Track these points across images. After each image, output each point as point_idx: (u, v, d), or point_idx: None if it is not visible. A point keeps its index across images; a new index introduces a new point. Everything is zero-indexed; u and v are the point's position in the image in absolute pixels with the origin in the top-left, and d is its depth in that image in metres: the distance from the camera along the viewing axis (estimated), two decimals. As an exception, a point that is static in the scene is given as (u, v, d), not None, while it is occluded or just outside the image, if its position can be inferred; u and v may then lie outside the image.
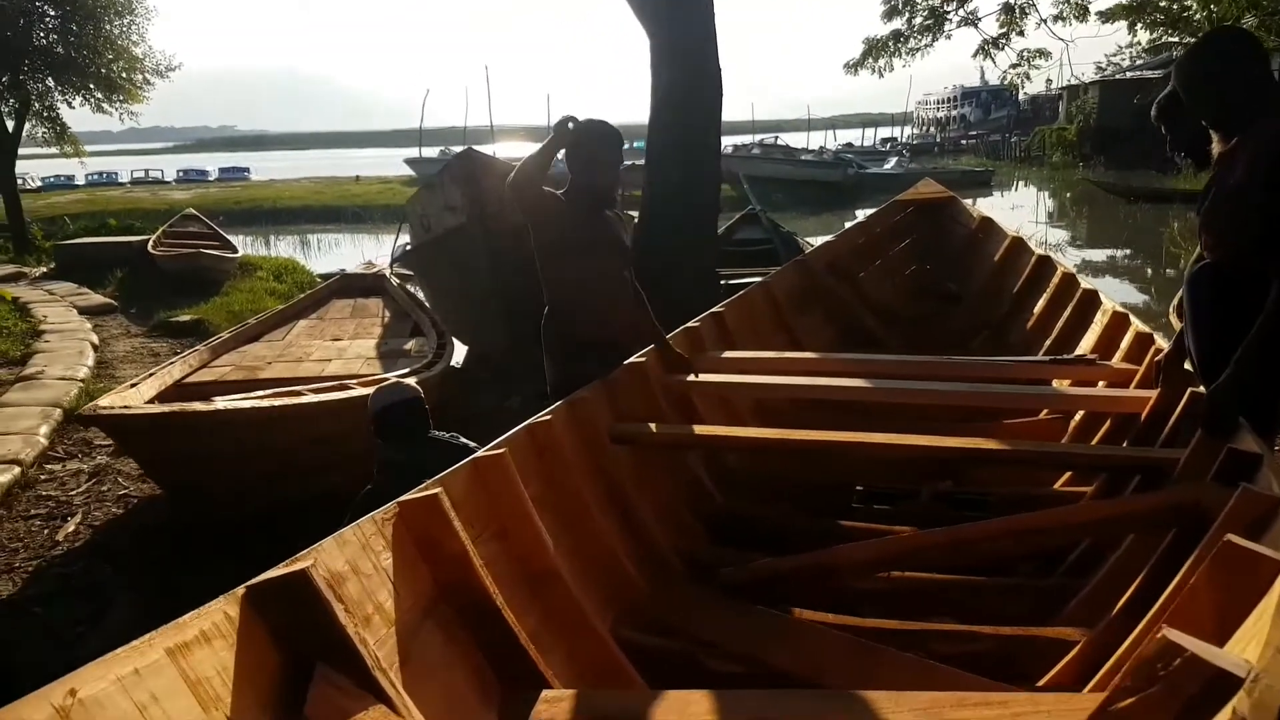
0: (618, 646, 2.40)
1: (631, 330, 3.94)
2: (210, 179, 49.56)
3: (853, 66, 15.75)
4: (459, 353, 7.36)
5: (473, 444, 3.31)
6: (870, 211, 8.05)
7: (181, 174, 51.89)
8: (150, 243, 13.37)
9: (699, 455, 3.92)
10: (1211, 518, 2.12)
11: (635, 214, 8.51)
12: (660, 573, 3.03)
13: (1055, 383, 4.53)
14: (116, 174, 49.81)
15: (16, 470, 4.92)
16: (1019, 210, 25.79)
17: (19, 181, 16.33)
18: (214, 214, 19.66)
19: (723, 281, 8.55)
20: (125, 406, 4.30)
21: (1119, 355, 4.25)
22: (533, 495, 2.56)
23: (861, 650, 2.16)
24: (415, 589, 1.92)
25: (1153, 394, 3.52)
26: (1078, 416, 4.15)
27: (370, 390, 4.68)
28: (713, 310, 5.20)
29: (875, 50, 15.37)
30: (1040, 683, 2.33)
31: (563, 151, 3.64)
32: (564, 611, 2.25)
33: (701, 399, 4.39)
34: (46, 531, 4.43)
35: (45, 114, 16.06)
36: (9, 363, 7.71)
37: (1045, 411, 4.25)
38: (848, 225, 7.71)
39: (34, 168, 41.73)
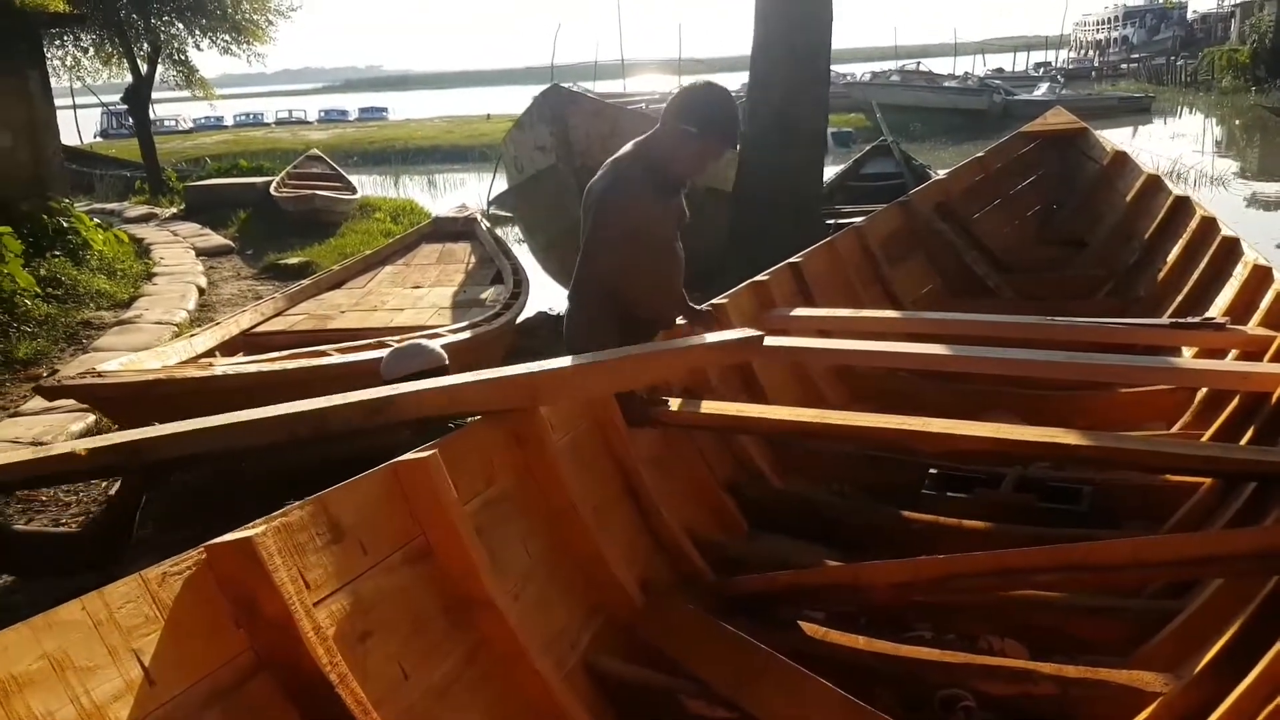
0: (577, 683, 2.10)
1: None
2: (350, 119, 50.88)
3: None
4: (535, 302, 7.11)
5: None
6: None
7: (323, 114, 53.51)
8: (274, 184, 13.66)
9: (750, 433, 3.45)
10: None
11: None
12: (672, 579, 2.69)
13: (1183, 350, 3.90)
14: (262, 115, 51.81)
15: (90, 419, 4.99)
16: (1180, 139, 23.46)
17: (173, 122, 17.28)
18: (349, 154, 20.04)
19: (835, 222, 7.97)
20: (96, 375, 4.01)
21: (1257, 318, 3.59)
22: (495, 496, 2.26)
23: (856, 715, 1.77)
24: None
25: (1291, 370, 2.91)
26: (1201, 394, 3.52)
27: (347, 357, 4.46)
28: (789, 261, 4.72)
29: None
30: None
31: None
32: (496, 648, 1.94)
33: (764, 367, 3.97)
34: (104, 484, 4.47)
35: (175, 57, 16.62)
36: (115, 305, 7.99)
37: (1164, 386, 3.63)
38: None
39: (189, 109, 43.81)
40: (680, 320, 3.61)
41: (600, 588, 2.42)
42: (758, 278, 4.42)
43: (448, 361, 3.31)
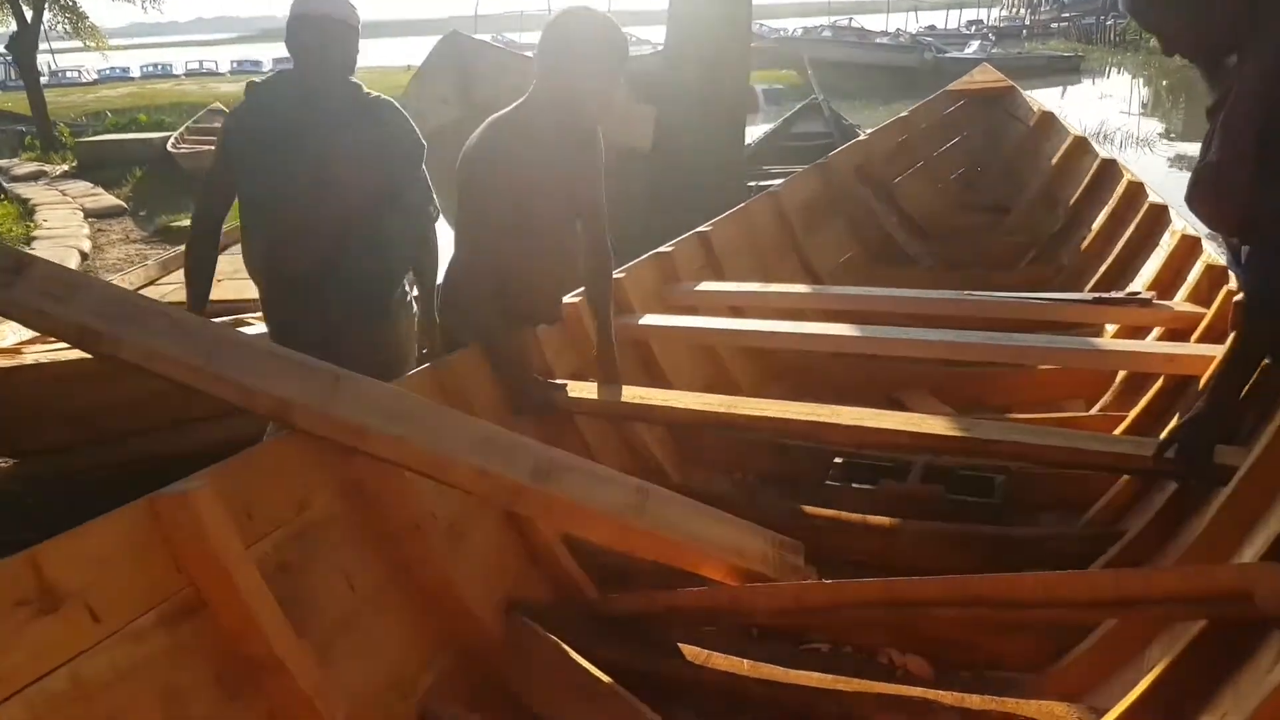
0: None
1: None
2: (264, 70, 48.76)
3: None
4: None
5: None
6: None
7: (235, 65, 50.99)
8: (171, 140, 12.85)
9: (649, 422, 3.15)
10: (1269, 617, 1.39)
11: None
12: (547, 597, 2.39)
13: (1106, 327, 3.71)
14: (171, 66, 49.26)
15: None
16: (1108, 100, 23.67)
17: (75, 74, 16.02)
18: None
19: (757, 184, 7.66)
20: None
21: (1183, 293, 3.39)
22: (310, 524, 1.91)
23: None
24: None
25: (1217, 352, 2.70)
26: (1120, 377, 3.32)
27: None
28: (697, 230, 4.41)
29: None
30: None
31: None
32: (291, 717, 1.61)
33: (666, 347, 3.66)
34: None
35: (62, 2, 15.51)
36: (-19, 274, 7.33)
37: (1084, 367, 3.42)
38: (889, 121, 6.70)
39: (91, 60, 41.52)
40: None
41: (450, 618, 2.10)
42: (661, 249, 4.10)
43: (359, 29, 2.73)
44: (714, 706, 2.09)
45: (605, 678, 1.85)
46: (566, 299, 3.29)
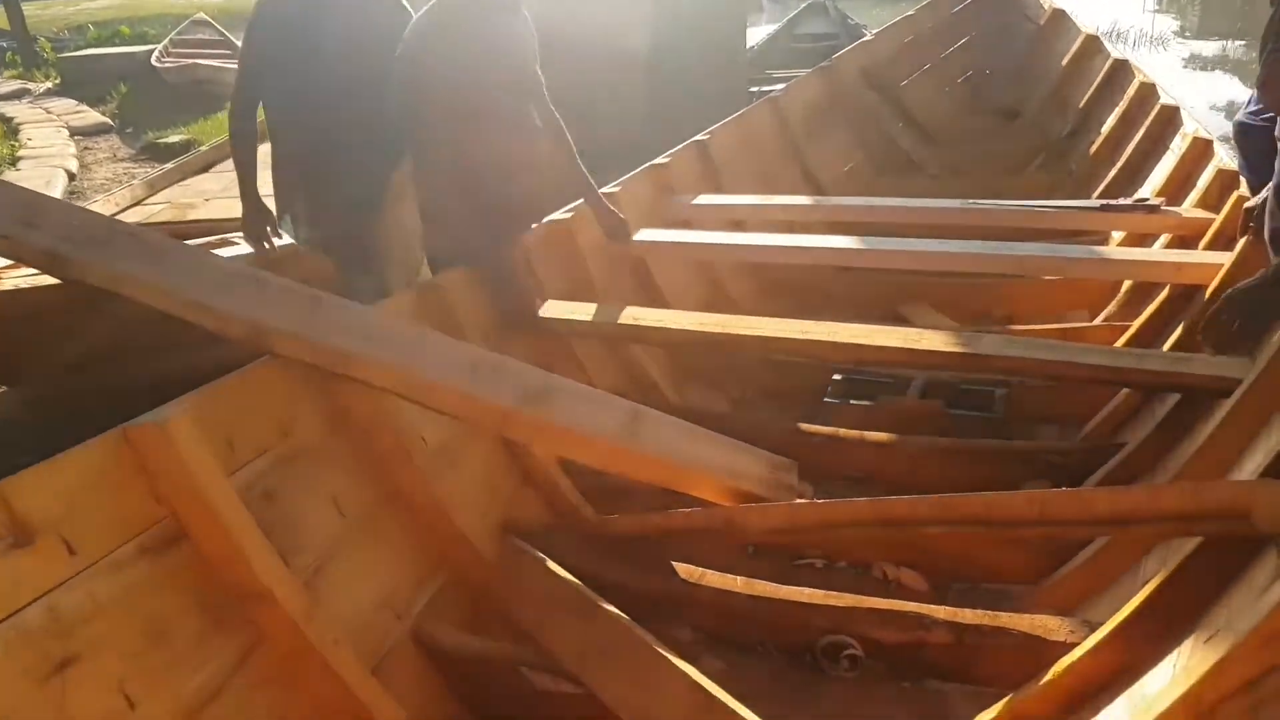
0: (398, 662, 1.80)
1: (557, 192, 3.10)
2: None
3: None
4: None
5: None
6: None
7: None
8: (155, 53, 12.47)
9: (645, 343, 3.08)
10: (1266, 535, 1.36)
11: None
12: (544, 518, 2.38)
13: (1113, 234, 3.62)
14: (160, -26, 47.74)
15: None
16: (1122, -6, 22.83)
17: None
18: (245, 19, 18.33)
19: (759, 89, 7.43)
20: None
21: (1193, 198, 3.28)
22: (294, 450, 1.88)
23: (704, 713, 1.49)
24: None
25: (1225, 259, 2.63)
26: (1126, 286, 3.25)
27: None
28: (695, 139, 4.28)
29: None
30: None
31: None
32: (278, 645, 1.58)
33: (663, 265, 3.58)
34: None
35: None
36: (-32, 196, 7.21)
37: (1088, 277, 3.35)
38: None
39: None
40: (568, 208, 3.20)
41: (443, 542, 2.09)
42: (657, 160, 3.98)
43: None
44: (707, 624, 2.09)
45: (598, 598, 1.84)
46: (556, 215, 3.21)
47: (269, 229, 3.07)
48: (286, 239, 3.25)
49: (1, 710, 1.19)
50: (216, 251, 3.84)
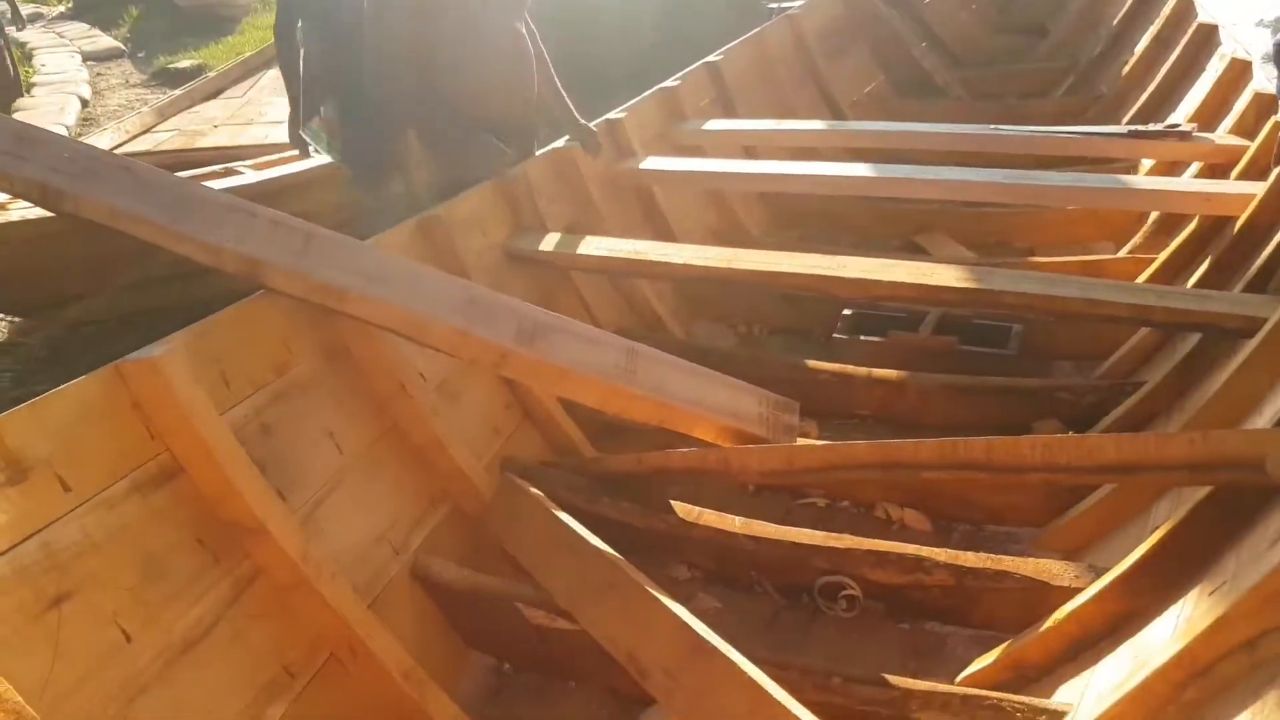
0: (396, 596, 1.82)
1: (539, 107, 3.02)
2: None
3: None
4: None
5: None
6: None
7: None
8: (167, -26, 12.24)
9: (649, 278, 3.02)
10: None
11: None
12: (543, 454, 2.36)
13: (1142, 162, 3.48)
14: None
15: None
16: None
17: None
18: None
19: (778, 4, 7.17)
20: None
21: (1228, 124, 3.14)
22: (291, 385, 1.86)
23: (694, 652, 1.48)
24: None
25: (1258, 190, 2.51)
26: (1153, 217, 3.13)
27: (263, 174, 3.97)
28: (706, 60, 4.13)
29: None
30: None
31: None
32: (273, 578, 1.58)
33: (670, 194, 3.49)
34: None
35: None
36: (-19, 123, 7.16)
37: (1112, 208, 3.23)
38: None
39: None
40: (560, 144, 3.12)
41: (442, 478, 2.08)
42: (666, 83, 3.86)
43: None
44: (705, 563, 2.08)
45: (593, 537, 1.83)
46: (558, 144, 3.12)
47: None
48: (323, 157, 3.23)
49: None
50: (224, 180, 3.82)
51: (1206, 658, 1.11)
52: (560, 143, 3.12)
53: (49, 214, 3.29)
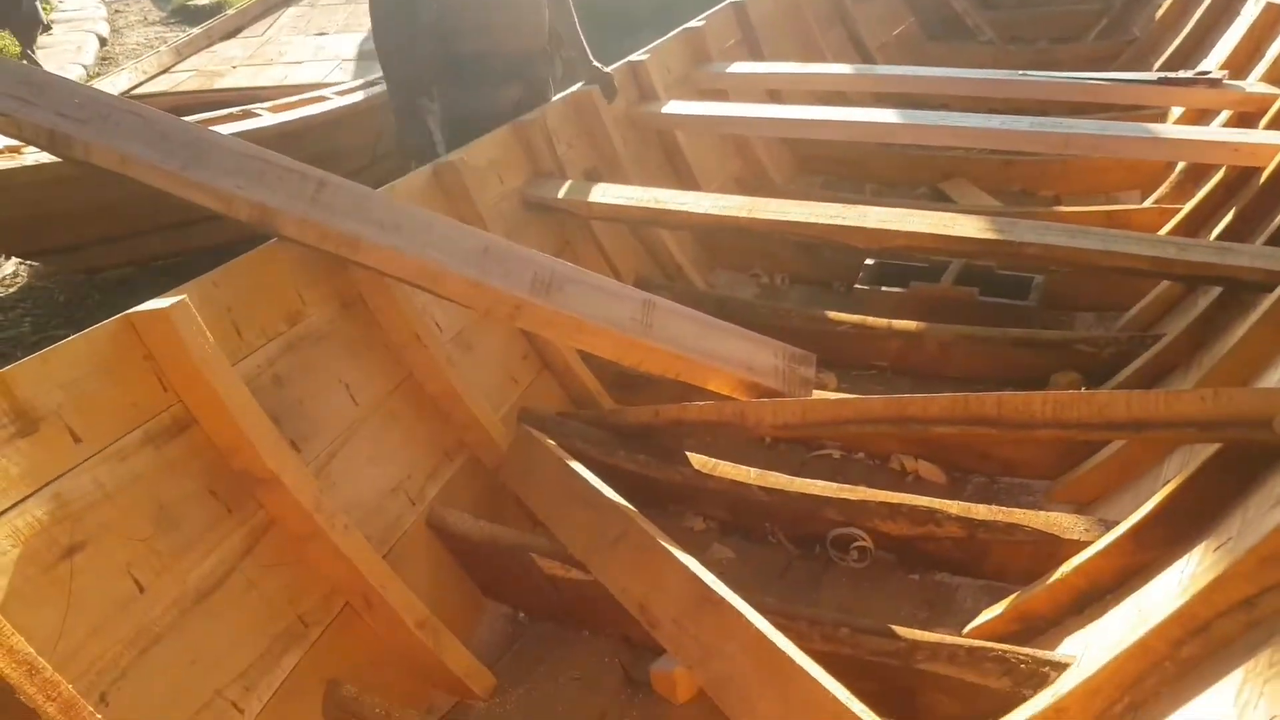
0: (411, 546, 1.84)
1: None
2: None
3: None
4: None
5: None
6: None
7: None
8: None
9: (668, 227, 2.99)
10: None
11: None
12: (562, 405, 2.38)
13: (1172, 110, 3.40)
14: None
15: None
16: None
17: None
18: None
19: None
20: None
21: (1260, 71, 3.06)
22: (305, 335, 1.87)
23: (703, 603, 1.50)
24: None
25: (1282, 141, 2.46)
26: (1180, 167, 3.07)
27: (281, 117, 3.95)
28: (732, 0, 4.05)
29: None
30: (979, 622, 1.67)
31: None
32: (288, 528, 1.60)
33: (694, 139, 3.45)
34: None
35: None
36: (1, 63, 7.16)
37: (1138, 157, 3.16)
38: None
39: None
40: (575, 89, 3.08)
41: (458, 429, 2.10)
42: (691, 24, 3.79)
43: None
44: (719, 514, 2.10)
45: (607, 488, 1.84)
46: (575, 89, 3.08)
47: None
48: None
49: (9, 596, 1.22)
50: (241, 122, 3.81)
51: (1205, 615, 1.12)
52: (577, 88, 3.08)
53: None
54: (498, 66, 2.81)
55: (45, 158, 3.22)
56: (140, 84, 4.98)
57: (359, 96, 4.18)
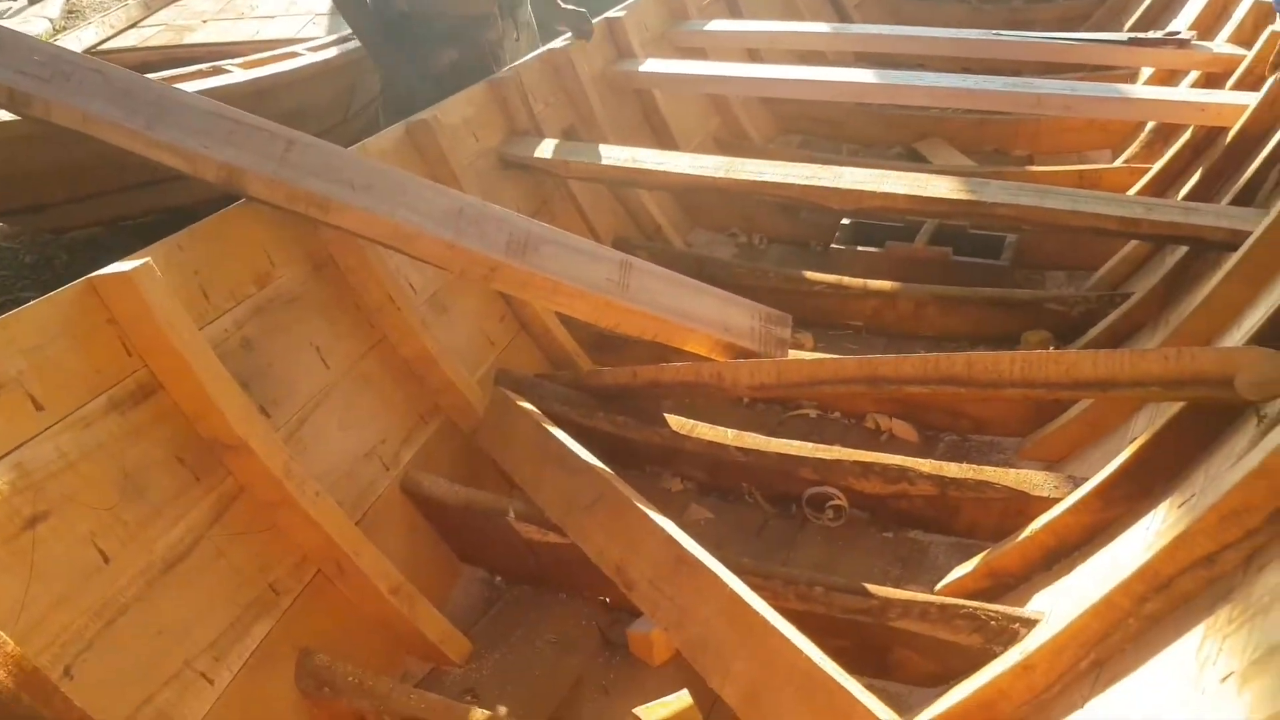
0: (385, 511, 1.84)
1: None
2: None
3: None
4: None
5: None
6: None
7: None
8: None
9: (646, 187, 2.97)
10: (1247, 401, 1.33)
11: None
12: (539, 366, 2.37)
13: (1141, 70, 3.41)
14: None
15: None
16: None
17: None
18: None
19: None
20: None
21: (1227, 32, 3.07)
22: (274, 298, 1.84)
23: (678, 565, 1.51)
24: None
25: (1251, 100, 2.48)
26: (1150, 126, 3.08)
27: (252, 73, 3.86)
28: (708, -44, 4.00)
29: None
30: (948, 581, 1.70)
31: None
32: (257, 495, 1.58)
33: (672, 97, 3.41)
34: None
35: None
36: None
37: (1108, 117, 3.19)
38: None
39: None
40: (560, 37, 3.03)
41: (433, 392, 2.08)
42: (665, -21, 3.73)
43: None
44: (697, 474, 2.12)
45: (584, 451, 1.85)
46: (554, 44, 3.04)
47: None
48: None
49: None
50: (211, 79, 3.72)
51: (1168, 571, 1.14)
52: (558, 43, 3.04)
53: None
54: (437, 28, 2.77)
55: (7, 116, 3.14)
56: (107, 39, 4.85)
57: (333, 52, 4.09)
